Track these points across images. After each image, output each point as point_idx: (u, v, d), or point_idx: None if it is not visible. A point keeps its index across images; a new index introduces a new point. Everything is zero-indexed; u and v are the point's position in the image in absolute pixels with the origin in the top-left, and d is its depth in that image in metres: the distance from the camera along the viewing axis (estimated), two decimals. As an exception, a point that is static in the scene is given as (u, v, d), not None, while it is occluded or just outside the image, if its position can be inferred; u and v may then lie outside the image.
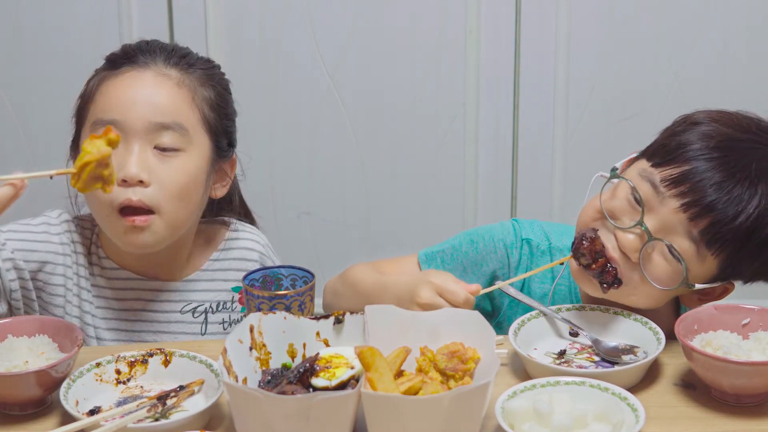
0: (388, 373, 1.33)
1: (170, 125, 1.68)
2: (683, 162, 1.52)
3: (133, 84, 1.69)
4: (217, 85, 1.79)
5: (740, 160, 1.52)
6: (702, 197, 1.50)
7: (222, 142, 1.77)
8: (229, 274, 1.83)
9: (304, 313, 1.52)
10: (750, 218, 1.49)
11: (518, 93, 2.88)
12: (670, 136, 1.58)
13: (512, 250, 1.76)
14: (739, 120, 1.58)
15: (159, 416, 1.42)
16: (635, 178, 1.56)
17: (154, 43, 1.76)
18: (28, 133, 2.97)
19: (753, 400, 1.46)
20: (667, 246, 1.53)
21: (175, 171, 1.68)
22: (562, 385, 1.41)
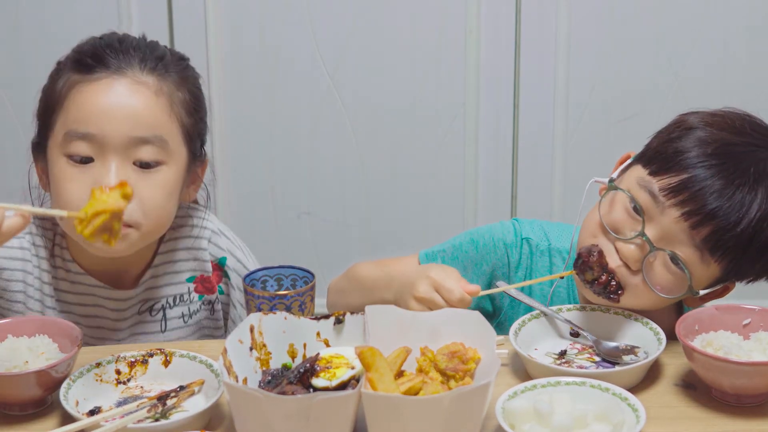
0: (389, 374, 1.33)
1: (150, 139, 1.60)
2: (681, 170, 1.51)
3: (109, 93, 1.60)
4: (192, 85, 1.71)
5: (738, 165, 1.51)
6: (703, 206, 1.49)
7: (196, 146, 1.71)
8: (180, 265, 1.77)
9: (305, 314, 1.52)
10: (752, 223, 1.49)
11: (518, 93, 2.88)
12: (666, 142, 1.56)
13: (512, 249, 1.76)
14: (733, 121, 1.57)
15: (159, 416, 1.42)
16: (633, 187, 1.56)
17: (127, 42, 1.65)
18: (28, 134, 2.96)
19: (754, 400, 1.45)
20: (670, 255, 1.53)
21: (155, 186, 1.61)
22: (563, 386, 1.41)
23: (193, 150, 1.69)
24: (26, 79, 2.90)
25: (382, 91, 2.89)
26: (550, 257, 1.75)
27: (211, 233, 1.79)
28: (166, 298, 1.76)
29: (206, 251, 1.78)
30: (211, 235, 1.79)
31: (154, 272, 1.75)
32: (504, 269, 1.76)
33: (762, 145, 1.55)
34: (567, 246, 1.73)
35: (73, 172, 1.59)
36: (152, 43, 1.69)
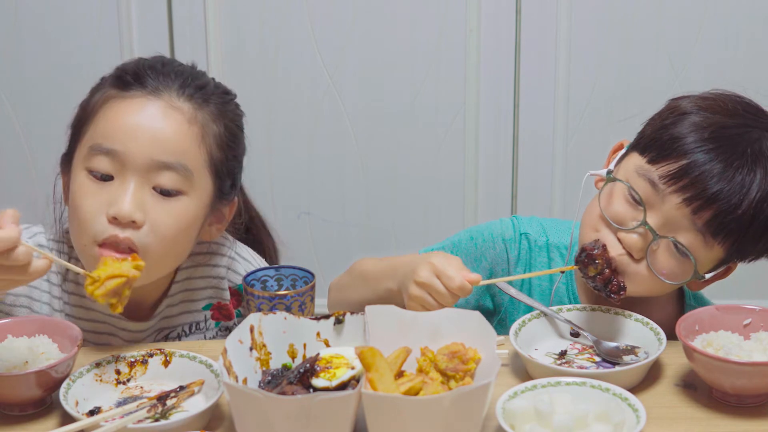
0: (389, 374, 1.33)
1: (173, 165, 1.55)
2: (680, 156, 1.52)
3: (140, 112, 1.56)
4: (230, 121, 1.65)
5: (735, 148, 1.52)
6: (704, 190, 1.50)
7: (225, 184, 1.64)
8: (197, 294, 1.73)
9: (305, 314, 1.52)
10: (753, 203, 1.50)
11: (518, 93, 2.88)
12: (660, 129, 1.57)
13: (511, 245, 1.76)
14: (725, 104, 1.58)
15: (159, 416, 1.42)
16: (632, 176, 1.56)
17: (170, 66, 1.62)
18: (28, 135, 2.96)
19: (754, 400, 1.45)
20: (673, 242, 1.53)
21: (171, 215, 1.55)
22: (563, 386, 1.41)
23: (220, 187, 1.63)
24: (26, 81, 2.91)
25: (383, 90, 2.89)
26: (548, 252, 1.76)
27: (229, 260, 1.75)
28: (182, 326, 1.73)
29: (224, 279, 1.74)
30: (230, 262, 1.75)
31: (170, 302, 1.71)
32: (503, 265, 1.76)
33: (755, 125, 1.56)
34: (565, 242, 1.73)
35: (92, 188, 1.54)
36: (198, 72, 1.65)
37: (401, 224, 2.99)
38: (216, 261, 1.74)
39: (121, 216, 1.52)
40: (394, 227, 2.99)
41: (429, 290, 1.54)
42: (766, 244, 1.57)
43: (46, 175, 1.74)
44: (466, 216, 2.97)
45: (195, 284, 1.73)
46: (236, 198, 1.70)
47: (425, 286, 1.54)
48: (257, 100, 2.89)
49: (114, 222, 1.52)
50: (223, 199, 1.65)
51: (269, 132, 2.92)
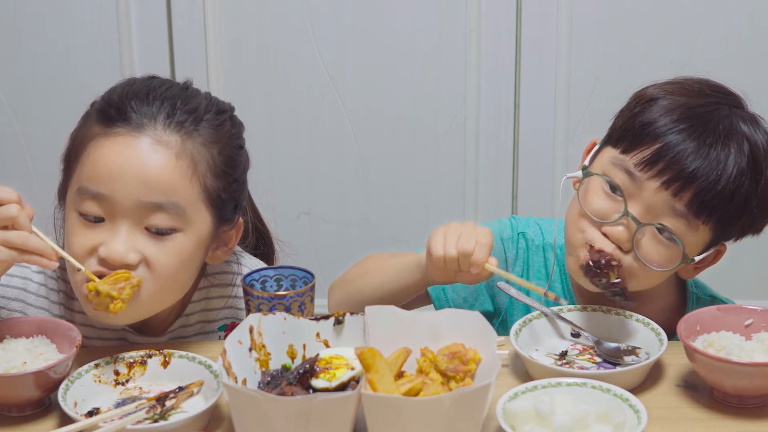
0: (389, 374, 1.33)
1: (164, 205, 1.48)
2: (653, 140, 1.53)
3: (125, 152, 1.48)
4: (226, 144, 1.56)
5: (707, 125, 1.53)
6: (681, 170, 1.50)
7: (227, 210, 1.58)
8: (214, 314, 1.70)
9: (304, 314, 1.52)
10: (731, 178, 1.51)
11: (519, 92, 2.87)
12: (630, 118, 1.58)
13: (509, 244, 1.77)
14: (691, 86, 1.60)
15: (158, 417, 1.41)
16: (608, 168, 1.57)
17: (157, 92, 1.53)
18: (27, 136, 2.96)
19: (755, 401, 1.45)
20: (658, 228, 1.54)
21: (168, 253, 1.50)
22: (564, 386, 1.40)
23: (220, 215, 1.57)
24: (26, 83, 2.91)
25: (382, 90, 2.88)
26: (544, 252, 1.76)
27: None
28: None
29: (242, 299, 1.65)
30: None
31: (184, 321, 1.68)
32: (501, 265, 1.74)
33: (723, 103, 1.58)
34: (560, 243, 1.73)
35: (83, 230, 1.50)
36: (189, 93, 1.56)
37: (401, 224, 2.98)
38: (235, 281, 1.70)
39: (111, 259, 1.48)
40: (394, 227, 2.99)
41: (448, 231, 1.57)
42: (749, 220, 1.56)
43: (46, 176, 1.73)
44: (466, 216, 2.97)
45: (213, 304, 1.70)
46: (241, 219, 1.63)
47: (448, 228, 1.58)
48: (257, 100, 2.89)
49: (104, 264, 1.48)
50: (226, 224, 1.60)
51: (269, 132, 2.92)
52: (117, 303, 1.47)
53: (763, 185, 1.54)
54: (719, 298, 1.74)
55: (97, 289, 1.46)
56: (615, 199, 1.55)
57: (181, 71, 2.84)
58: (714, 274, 1.76)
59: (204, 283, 1.70)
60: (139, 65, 2.82)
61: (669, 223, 1.53)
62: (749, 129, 1.56)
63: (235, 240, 1.64)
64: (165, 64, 2.84)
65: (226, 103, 1.62)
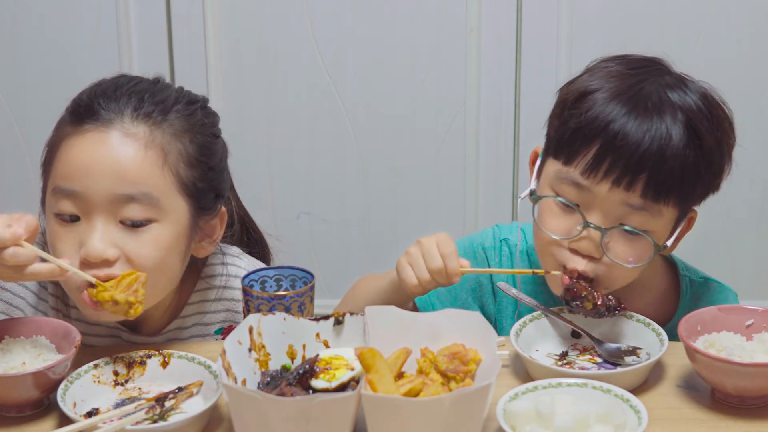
0: (389, 375, 1.32)
1: (136, 196, 1.49)
2: (589, 144, 1.51)
3: (94, 149, 1.50)
4: (199, 132, 1.57)
5: (637, 109, 1.51)
6: (626, 163, 1.49)
7: (205, 199, 1.58)
8: (210, 317, 1.70)
9: (304, 314, 1.51)
10: (676, 154, 1.49)
11: (519, 92, 2.87)
12: (561, 126, 1.55)
13: (491, 252, 1.76)
14: (609, 71, 1.59)
15: (157, 418, 1.41)
16: (555, 184, 1.55)
17: (124, 88, 1.55)
18: (27, 138, 2.95)
19: (756, 401, 1.45)
20: (624, 229, 1.52)
21: (146, 245, 1.50)
22: (564, 387, 1.40)
23: (198, 204, 1.57)
24: (25, 83, 2.90)
25: (382, 90, 2.88)
26: (528, 257, 1.74)
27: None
28: None
29: (239, 302, 1.68)
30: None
31: (180, 323, 1.68)
32: (486, 276, 1.75)
33: (646, 78, 1.56)
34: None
35: (62, 231, 1.51)
36: (159, 86, 1.58)
37: (401, 224, 2.98)
38: (232, 283, 1.70)
39: (91, 257, 1.48)
40: (394, 227, 2.99)
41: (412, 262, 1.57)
42: (705, 184, 1.55)
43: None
44: (466, 216, 2.96)
45: (209, 307, 1.70)
46: (224, 209, 1.64)
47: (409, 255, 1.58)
48: (257, 100, 2.88)
49: (87, 263, 1.49)
50: (206, 213, 1.60)
51: (269, 132, 2.92)
52: (136, 306, 1.47)
53: (706, 147, 1.52)
54: (712, 279, 1.73)
55: (114, 299, 1.45)
56: (571, 212, 1.54)
57: (180, 71, 2.84)
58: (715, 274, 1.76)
59: (201, 285, 1.69)
60: (138, 66, 2.82)
61: (631, 220, 1.52)
62: (679, 96, 1.54)
63: (220, 230, 1.64)
64: (164, 65, 2.83)
65: (198, 95, 1.63)
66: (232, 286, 1.70)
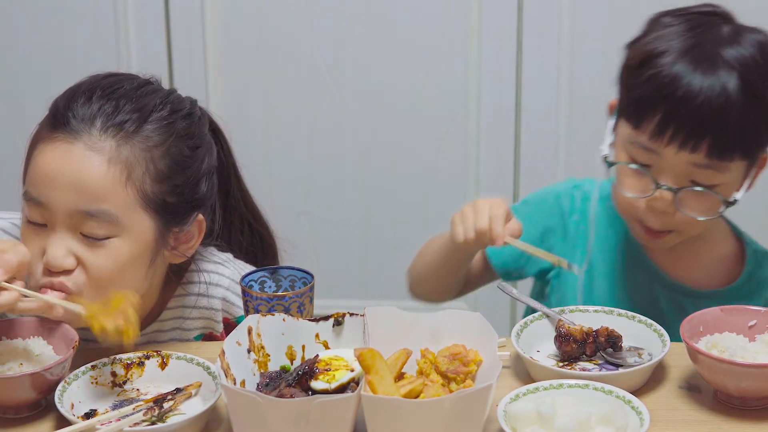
0: (389, 376, 1.32)
1: (95, 213, 1.47)
2: (653, 111, 1.58)
3: (59, 160, 1.48)
4: (174, 145, 1.53)
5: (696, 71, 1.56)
6: (690, 128, 1.55)
7: (175, 213, 1.55)
8: (189, 324, 1.68)
9: (304, 315, 1.51)
10: (736, 113, 1.55)
11: (520, 92, 2.86)
12: (629, 93, 1.64)
13: (563, 197, 1.83)
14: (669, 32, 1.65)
15: (155, 419, 1.41)
16: (628, 148, 1.63)
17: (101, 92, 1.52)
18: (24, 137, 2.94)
19: (759, 403, 1.44)
20: (693, 188, 1.60)
21: (103, 259, 1.49)
22: (566, 388, 1.40)
23: (165, 218, 1.54)
24: (23, 84, 2.90)
25: (383, 90, 2.87)
26: (603, 203, 1.81)
27: (225, 291, 1.68)
28: None
29: (218, 311, 1.68)
30: (225, 293, 1.68)
31: (159, 326, 1.66)
32: (557, 218, 1.82)
33: (702, 38, 1.62)
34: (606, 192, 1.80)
35: (30, 235, 1.51)
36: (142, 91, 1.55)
37: (401, 224, 2.98)
38: (212, 291, 1.68)
39: (51, 266, 1.48)
40: (394, 227, 2.98)
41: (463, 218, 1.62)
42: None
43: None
44: (466, 216, 2.96)
45: (188, 313, 1.68)
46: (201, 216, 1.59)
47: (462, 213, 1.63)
48: (256, 100, 2.88)
49: (46, 271, 1.49)
50: (177, 226, 1.57)
51: (269, 132, 2.91)
52: (129, 331, 1.44)
53: (765, 99, 1.58)
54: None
55: (104, 329, 1.43)
56: (645, 175, 1.62)
57: (179, 71, 2.83)
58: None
59: (180, 291, 1.68)
60: (137, 66, 2.81)
61: (700, 177, 1.59)
62: (735, 51, 1.59)
63: (198, 237, 1.60)
64: (164, 65, 2.83)
65: (185, 100, 1.60)
66: (211, 294, 1.68)
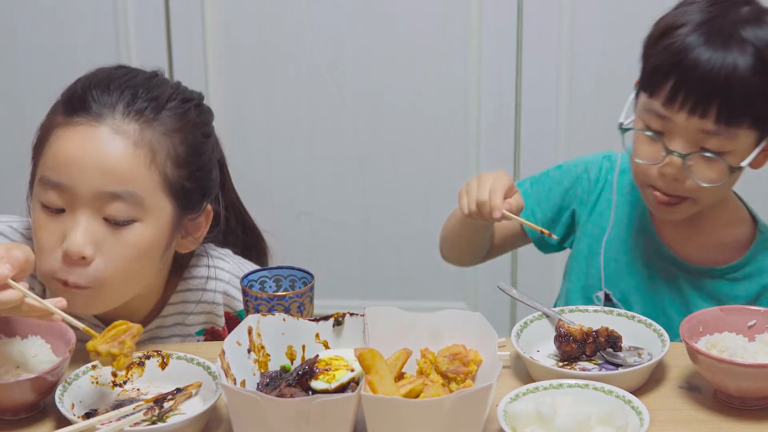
0: (389, 376, 1.32)
1: (121, 195, 1.48)
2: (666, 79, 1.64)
3: (84, 143, 1.49)
4: (190, 132, 1.56)
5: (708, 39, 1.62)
6: (699, 94, 1.61)
7: (191, 198, 1.57)
8: (191, 319, 1.68)
9: (304, 315, 1.51)
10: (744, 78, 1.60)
11: (520, 92, 2.86)
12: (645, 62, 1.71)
13: (592, 165, 1.89)
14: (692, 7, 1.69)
15: (156, 419, 1.41)
16: (644, 115, 1.69)
17: (119, 81, 1.54)
18: (24, 137, 2.94)
19: (758, 403, 1.44)
20: (702, 154, 1.64)
21: (126, 245, 1.50)
22: (566, 388, 1.40)
23: (183, 203, 1.56)
24: (22, 82, 2.89)
25: (383, 90, 2.87)
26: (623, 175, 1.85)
27: (226, 285, 1.69)
28: None
29: (220, 305, 1.68)
30: (226, 287, 1.69)
31: (161, 323, 1.67)
32: (583, 184, 1.88)
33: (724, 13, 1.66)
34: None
35: (46, 221, 1.51)
36: (154, 81, 1.57)
37: (401, 224, 2.98)
38: (212, 286, 1.69)
39: (70, 252, 1.48)
40: (394, 227, 2.98)
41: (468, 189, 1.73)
42: None
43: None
44: (466, 216, 2.95)
45: (189, 308, 1.68)
46: (209, 207, 1.62)
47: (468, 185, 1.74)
48: (256, 100, 2.88)
49: (66, 259, 1.49)
50: (191, 213, 1.59)
51: (269, 131, 2.91)
52: (121, 359, 1.41)
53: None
54: None
55: (96, 350, 1.40)
56: (657, 141, 1.67)
57: (179, 71, 2.83)
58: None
59: (182, 286, 1.68)
60: (136, 66, 2.81)
61: (710, 144, 1.63)
62: (753, 30, 1.63)
63: (205, 228, 1.63)
64: (164, 65, 2.82)
65: (194, 92, 1.62)
66: (213, 289, 1.69)
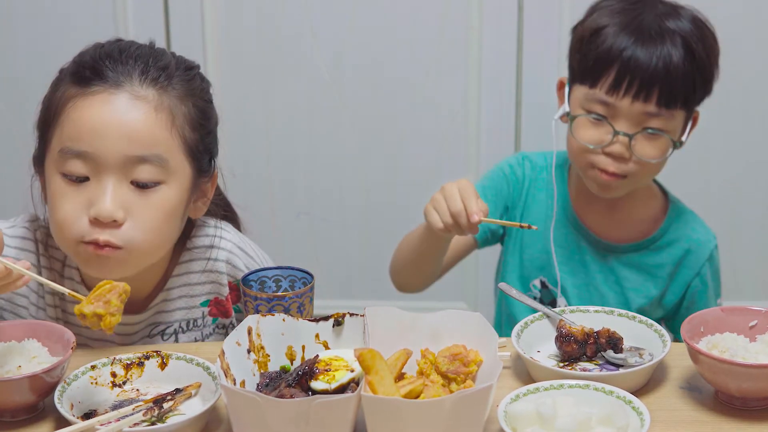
0: (389, 376, 1.32)
1: (148, 158, 1.52)
2: (609, 67, 1.84)
3: (105, 109, 1.52)
4: (198, 97, 1.62)
5: (643, 36, 1.84)
6: (641, 79, 1.82)
7: (203, 161, 1.62)
8: (196, 289, 1.70)
9: (303, 315, 1.51)
10: (678, 68, 1.83)
11: (520, 91, 2.86)
12: (583, 57, 1.89)
13: (516, 168, 2.08)
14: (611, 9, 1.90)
15: (155, 420, 1.40)
16: (585, 104, 1.88)
17: (128, 51, 1.57)
18: (23, 136, 2.94)
19: (760, 403, 1.44)
20: (646, 133, 1.85)
21: (153, 207, 1.54)
22: (566, 388, 1.40)
23: (199, 166, 1.61)
24: (20, 78, 2.89)
25: (383, 90, 2.87)
26: (548, 172, 2.04)
27: (228, 254, 1.70)
28: (179, 323, 1.70)
29: (223, 274, 1.70)
30: (228, 256, 1.70)
31: (166, 296, 1.68)
32: (514, 186, 2.06)
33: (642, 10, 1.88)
34: (561, 163, 2.04)
35: (69, 191, 1.52)
36: (157, 51, 1.61)
37: (401, 224, 2.96)
38: (215, 254, 1.70)
39: (102, 216, 1.50)
40: (394, 227, 2.97)
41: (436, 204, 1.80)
42: (702, 89, 1.89)
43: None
44: (466, 216, 2.95)
45: (194, 279, 1.70)
46: (216, 169, 1.68)
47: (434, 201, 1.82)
48: (256, 99, 2.87)
49: (95, 223, 1.51)
50: (203, 176, 1.64)
51: (269, 131, 2.91)
52: (107, 318, 1.41)
53: (699, 60, 1.86)
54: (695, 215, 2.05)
55: (82, 312, 1.41)
56: (601, 125, 1.86)
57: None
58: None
59: (185, 256, 1.69)
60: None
61: (651, 124, 1.85)
62: (674, 23, 1.87)
63: (212, 191, 1.68)
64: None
65: (192, 61, 1.66)
66: (216, 258, 1.70)
